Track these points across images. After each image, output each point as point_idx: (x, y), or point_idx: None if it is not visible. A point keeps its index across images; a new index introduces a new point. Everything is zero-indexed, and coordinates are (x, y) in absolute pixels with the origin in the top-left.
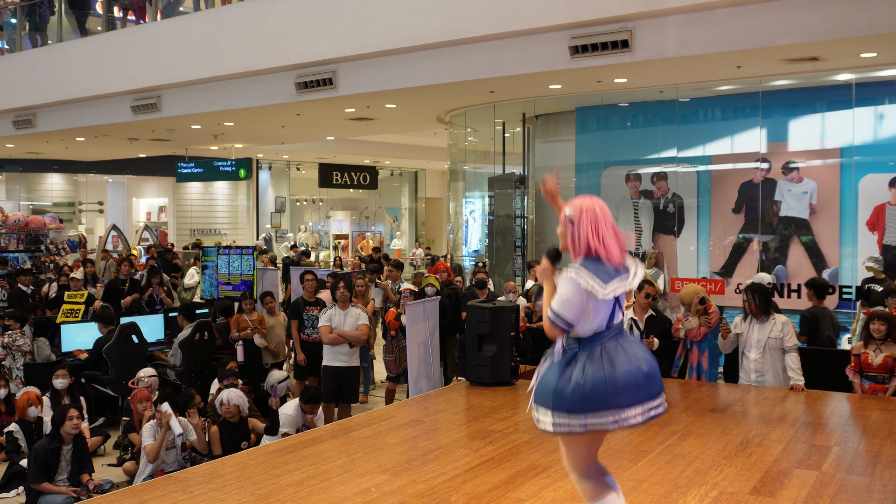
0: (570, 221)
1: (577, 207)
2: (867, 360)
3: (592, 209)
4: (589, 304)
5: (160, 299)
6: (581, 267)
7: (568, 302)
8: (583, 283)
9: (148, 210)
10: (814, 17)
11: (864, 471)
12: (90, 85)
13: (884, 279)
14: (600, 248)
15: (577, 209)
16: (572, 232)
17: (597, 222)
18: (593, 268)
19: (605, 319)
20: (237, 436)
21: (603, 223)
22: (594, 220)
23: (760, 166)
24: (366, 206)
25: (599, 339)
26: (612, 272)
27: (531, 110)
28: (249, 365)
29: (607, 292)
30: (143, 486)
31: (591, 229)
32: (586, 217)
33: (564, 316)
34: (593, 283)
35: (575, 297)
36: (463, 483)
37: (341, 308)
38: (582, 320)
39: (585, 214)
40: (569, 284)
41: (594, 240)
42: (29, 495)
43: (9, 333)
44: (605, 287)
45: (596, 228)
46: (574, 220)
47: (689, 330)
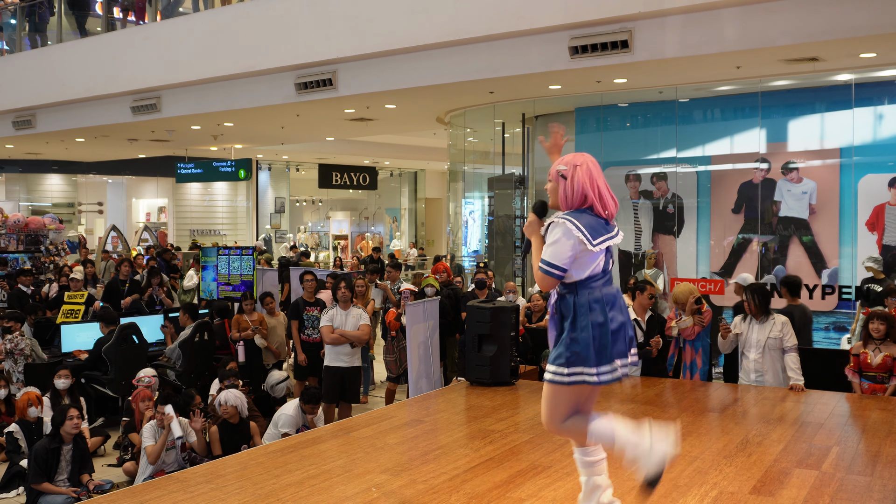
0: (561, 176)
1: (570, 163)
2: (866, 359)
3: (586, 163)
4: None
5: (160, 300)
6: (570, 215)
7: (559, 249)
8: (574, 230)
9: (147, 211)
10: (813, 18)
11: (863, 470)
12: (90, 85)
13: (883, 279)
14: (596, 198)
15: (570, 164)
16: (565, 186)
17: (591, 174)
18: (583, 219)
19: (602, 265)
20: (237, 437)
21: (598, 175)
22: (589, 172)
23: (760, 166)
24: (365, 207)
25: (594, 284)
26: (601, 225)
27: (531, 111)
28: (250, 365)
29: (596, 245)
30: (144, 486)
31: (588, 180)
32: (582, 170)
33: (556, 262)
34: (581, 234)
35: (565, 243)
36: (463, 483)
37: (342, 308)
38: (575, 266)
39: (580, 168)
40: (559, 230)
41: (591, 190)
42: (29, 495)
43: (9, 338)
44: (593, 240)
45: (591, 179)
46: (567, 174)
47: (684, 329)
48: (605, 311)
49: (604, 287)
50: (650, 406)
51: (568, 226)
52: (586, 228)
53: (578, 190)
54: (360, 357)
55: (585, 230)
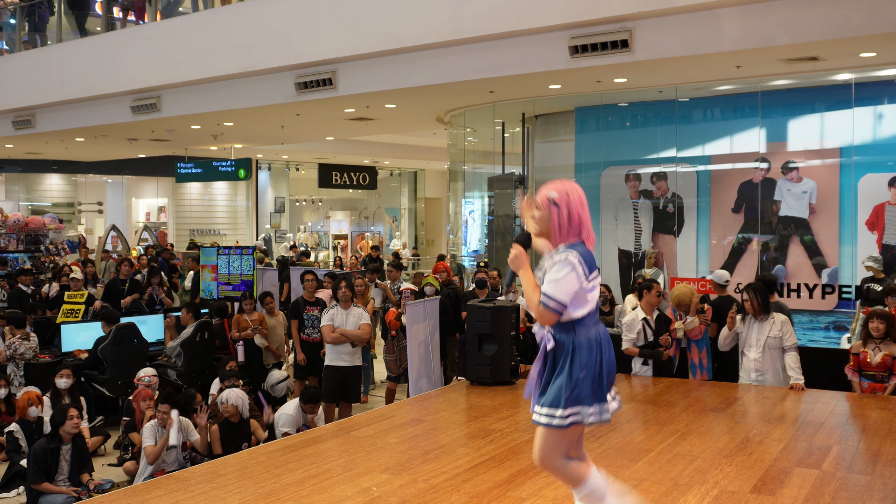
0: (554, 204)
1: (562, 190)
2: (866, 358)
3: (577, 191)
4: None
5: (160, 299)
6: (572, 250)
7: (565, 284)
8: (578, 265)
9: (147, 210)
10: (813, 17)
11: (864, 469)
12: (89, 85)
13: (883, 278)
14: (590, 232)
15: (562, 192)
16: (559, 214)
17: (583, 204)
18: (583, 252)
19: (595, 302)
20: (238, 436)
21: (586, 205)
22: (581, 202)
23: (760, 166)
24: (365, 207)
25: (589, 322)
26: (592, 260)
27: (531, 110)
28: (250, 365)
29: (590, 280)
30: (144, 485)
31: (581, 210)
32: (574, 198)
33: (560, 298)
34: (582, 269)
35: (571, 280)
36: (464, 482)
37: (343, 308)
38: (573, 303)
39: (572, 196)
40: (565, 266)
41: (585, 221)
42: (29, 495)
43: (9, 343)
44: (589, 275)
45: (584, 209)
46: (560, 202)
47: (692, 329)
48: (601, 350)
49: (597, 325)
50: (652, 405)
51: (573, 260)
52: (584, 263)
53: (575, 219)
54: (360, 357)
55: (584, 266)
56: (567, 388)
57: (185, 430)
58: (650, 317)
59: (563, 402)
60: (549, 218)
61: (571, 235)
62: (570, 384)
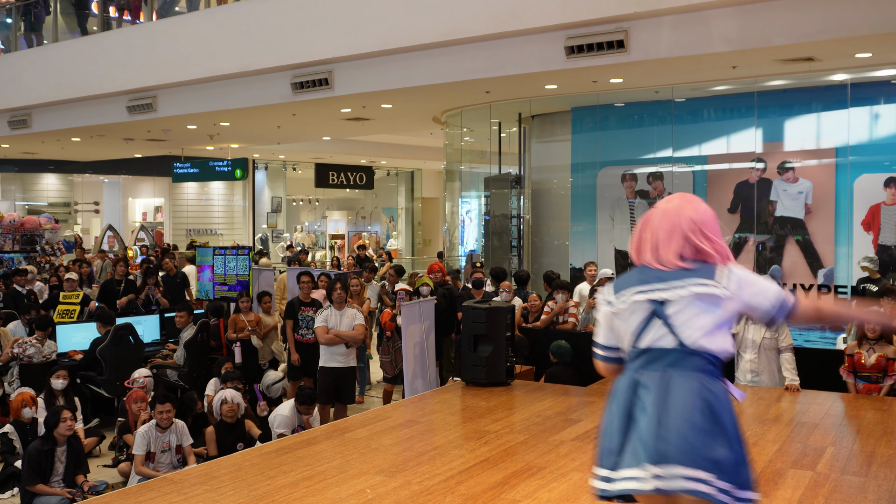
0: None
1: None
2: (860, 359)
3: (658, 210)
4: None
5: (156, 299)
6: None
7: (599, 326)
8: (604, 295)
9: (144, 210)
10: (809, 18)
11: (858, 471)
12: (86, 85)
13: (879, 279)
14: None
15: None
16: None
17: (650, 218)
18: (621, 277)
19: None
20: (233, 437)
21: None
22: (647, 218)
23: (756, 166)
24: (362, 206)
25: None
26: (646, 277)
27: (527, 110)
28: (246, 365)
29: (617, 303)
30: (138, 487)
31: (646, 229)
32: (646, 218)
33: (597, 340)
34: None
35: (602, 317)
36: (458, 484)
37: (337, 309)
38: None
39: (648, 216)
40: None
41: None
42: (23, 497)
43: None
44: (616, 294)
45: (645, 224)
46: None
47: None
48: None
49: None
50: None
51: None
52: (617, 284)
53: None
54: (354, 357)
55: (614, 287)
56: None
57: (180, 433)
58: None
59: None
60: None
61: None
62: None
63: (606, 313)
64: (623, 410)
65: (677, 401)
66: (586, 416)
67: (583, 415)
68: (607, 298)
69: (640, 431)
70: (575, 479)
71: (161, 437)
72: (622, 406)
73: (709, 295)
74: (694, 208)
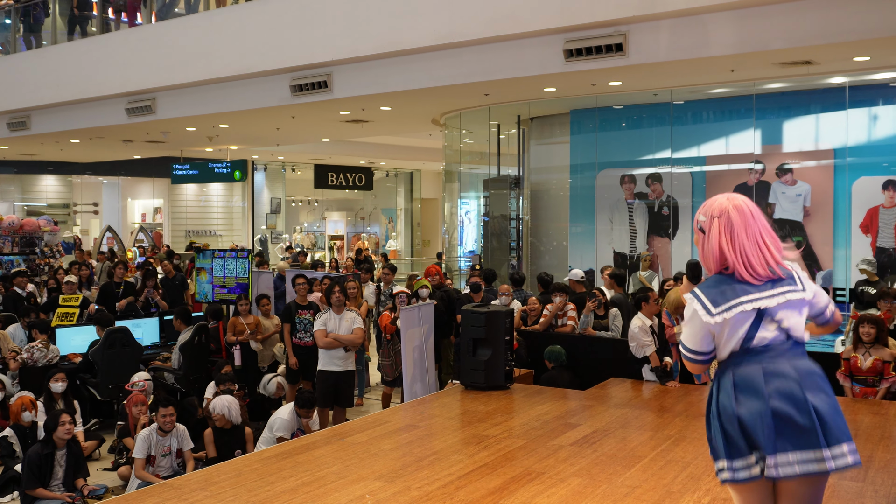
0: (700, 230)
1: (709, 212)
2: (857, 363)
3: (727, 213)
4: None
5: (155, 302)
6: (698, 289)
7: (689, 329)
8: (695, 303)
9: (143, 211)
10: (807, 22)
11: (855, 476)
12: (85, 87)
13: (877, 281)
14: (737, 259)
15: (709, 214)
16: (703, 243)
17: (733, 229)
18: (713, 286)
19: (740, 340)
20: (231, 441)
21: (742, 229)
22: (730, 227)
23: (755, 168)
24: (361, 207)
25: (731, 363)
26: (742, 288)
27: (526, 112)
28: (245, 369)
29: (716, 314)
30: (138, 493)
31: (728, 237)
32: (720, 224)
33: (689, 345)
34: (699, 306)
35: (692, 323)
36: (457, 489)
37: (336, 312)
38: (717, 346)
39: (719, 221)
40: (686, 310)
41: (729, 250)
42: (24, 501)
43: (27, 347)
44: (714, 309)
45: (732, 236)
46: (705, 227)
47: None
48: (730, 396)
49: (742, 366)
50: (644, 410)
51: (692, 301)
52: (709, 296)
53: (714, 251)
54: (353, 361)
55: (706, 299)
56: (708, 438)
57: (181, 437)
58: (654, 323)
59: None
60: (699, 244)
61: (715, 265)
62: (708, 435)
63: (705, 324)
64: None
65: (814, 385)
66: (585, 421)
67: (582, 419)
68: (708, 311)
69: (799, 417)
70: (574, 484)
71: (162, 441)
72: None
73: (799, 300)
74: (759, 213)
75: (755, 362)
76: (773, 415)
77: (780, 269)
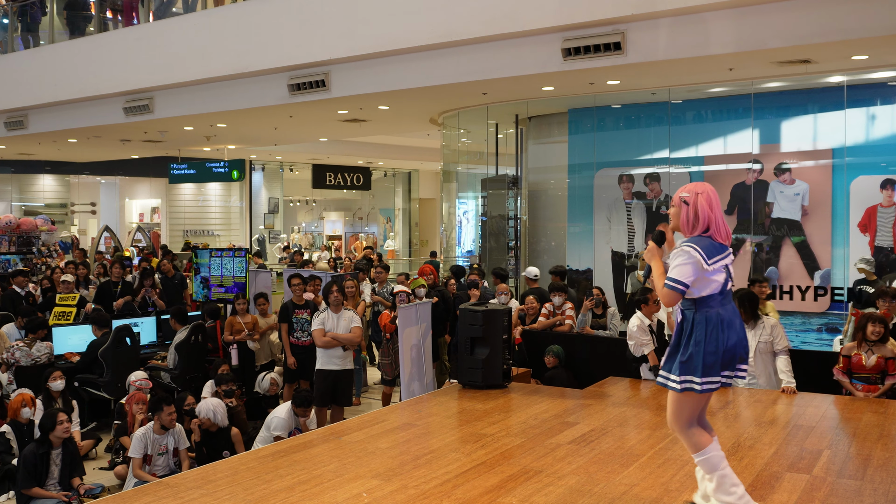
0: (684, 202)
1: (692, 190)
2: (860, 361)
3: (707, 192)
4: (700, 273)
5: (152, 301)
6: (691, 242)
7: (683, 269)
8: (694, 254)
9: (141, 211)
10: (805, 20)
11: (854, 474)
12: (82, 86)
13: (875, 281)
14: (713, 226)
15: (693, 192)
16: (686, 211)
17: (711, 203)
18: (701, 243)
19: (720, 285)
20: (217, 443)
21: (716, 204)
22: (710, 201)
23: (753, 167)
24: (359, 207)
25: (713, 302)
26: (717, 248)
27: (524, 112)
28: (243, 368)
29: (711, 264)
30: (134, 491)
31: (708, 208)
32: (703, 198)
33: (681, 279)
34: (699, 256)
35: (688, 265)
36: (454, 488)
37: (334, 311)
38: (696, 285)
39: (702, 196)
40: (683, 256)
41: (711, 218)
42: (19, 500)
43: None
44: (709, 261)
45: (712, 206)
46: (689, 200)
47: None
48: (717, 328)
49: (720, 306)
50: (642, 409)
51: (690, 250)
52: (704, 251)
53: (702, 217)
54: (351, 360)
55: (703, 252)
56: (682, 357)
57: (177, 436)
58: (653, 322)
59: (678, 370)
60: (678, 214)
61: (697, 230)
62: (685, 354)
63: (701, 269)
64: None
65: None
66: (583, 419)
67: (580, 417)
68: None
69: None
70: (572, 482)
71: (159, 440)
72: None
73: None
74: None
75: (727, 303)
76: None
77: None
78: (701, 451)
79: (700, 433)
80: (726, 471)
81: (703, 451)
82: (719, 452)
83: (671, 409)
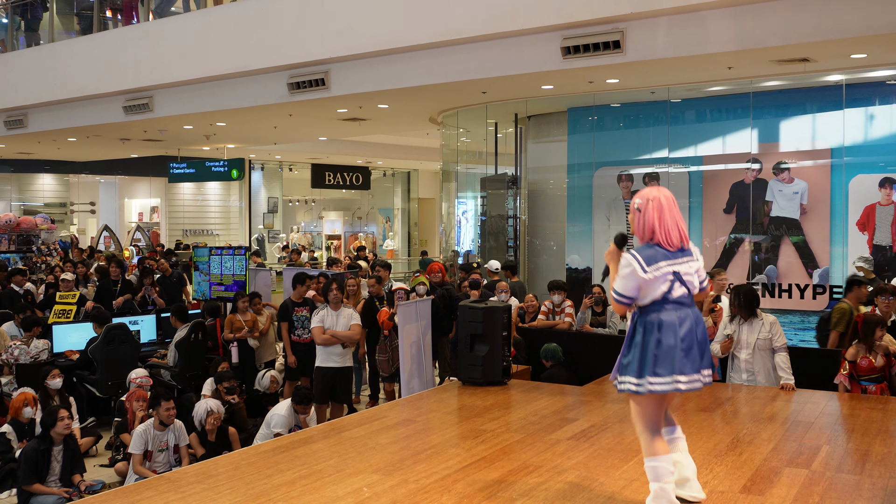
0: (637, 210)
1: (645, 198)
2: (871, 364)
3: (658, 199)
4: (638, 280)
5: (152, 300)
6: (635, 251)
7: (624, 281)
8: (633, 262)
9: (140, 210)
10: (804, 19)
11: (853, 469)
12: (82, 85)
13: (874, 279)
14: (661, 233)
15: (645, 199)
16: (638, 219)
17: (661, 210)
18: (644, 252)
19: (662, 293)
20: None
21: (667, 212)
22: (659, 209)
23: (752, 167)
24: (358, 207)
25: (655, 309)
26: (664, 255)
27: (523, 111)
28: (243, 366)
29: (648, 274)
30: (135, 486)
31: (657, 216)
32: (652, 206)
33: (622, 292)
34: (637, 265)
35: (629, 276)
36: (454, 483)
37: (334, 309)
38: (640, 294)
39: (651, 204)
40: (621, 267)
41: (658, 226)
42: (20, 496)
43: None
44: (647, 268)
45: (661, 215)
46: (641, 208)
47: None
48: (653, 331)
49: (663, 312)
50: None
51: (630, 259)
52: (644, 260)
53: (648, 225)
54: (351, 357)
55: (642, 261)
56: (623, 360)
57: (178, 432)
58: None
59: (618, 371)
60: (633, 221)
61: (645, 237)
62: (625, 357)
63: (637, 277)
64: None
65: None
66: (582, 416)
67: (579, 414)
68: (643, 269)
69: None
70: (571, 477)
71: (159, 436)
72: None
73: (697, 269)
74: (676, 203)
75: (679, 309)
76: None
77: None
78: (652, 457)
79: (658, 441)
80: (668, 486)
81: (655, 458)
82: (670, 467)
83: (631, 410)
